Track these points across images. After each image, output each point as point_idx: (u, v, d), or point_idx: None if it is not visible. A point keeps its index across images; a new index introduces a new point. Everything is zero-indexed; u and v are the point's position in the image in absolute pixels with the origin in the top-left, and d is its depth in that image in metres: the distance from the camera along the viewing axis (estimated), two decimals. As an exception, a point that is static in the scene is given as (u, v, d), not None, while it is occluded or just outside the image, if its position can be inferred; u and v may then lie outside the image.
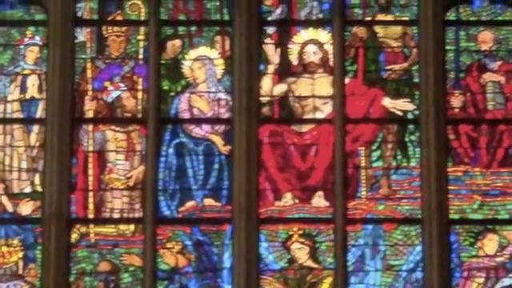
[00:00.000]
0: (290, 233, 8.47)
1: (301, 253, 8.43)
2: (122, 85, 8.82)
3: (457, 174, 8.56)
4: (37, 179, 8.56)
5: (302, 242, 8.46)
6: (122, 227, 8.53)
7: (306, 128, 8.76)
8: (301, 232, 8.47)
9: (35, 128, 8.66)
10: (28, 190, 8.55)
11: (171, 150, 8.67)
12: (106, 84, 8.81)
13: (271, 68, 8.80)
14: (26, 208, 8.50)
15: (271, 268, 8.41)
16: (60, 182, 8.43)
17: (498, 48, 8.83)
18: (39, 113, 8.68)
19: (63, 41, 8.70)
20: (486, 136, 8.62)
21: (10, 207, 8.50)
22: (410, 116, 8.75)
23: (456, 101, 8.72)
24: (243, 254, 8.23)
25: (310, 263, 8.44)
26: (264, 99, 8.71)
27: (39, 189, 8.52)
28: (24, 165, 8.59)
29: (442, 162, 8.49)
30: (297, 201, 8.57)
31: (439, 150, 8.50)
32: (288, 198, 8.59)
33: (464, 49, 8.87)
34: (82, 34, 8.87)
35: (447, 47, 8.83)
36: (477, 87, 8.76)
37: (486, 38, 8.87)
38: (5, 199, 8.51)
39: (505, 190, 8.52)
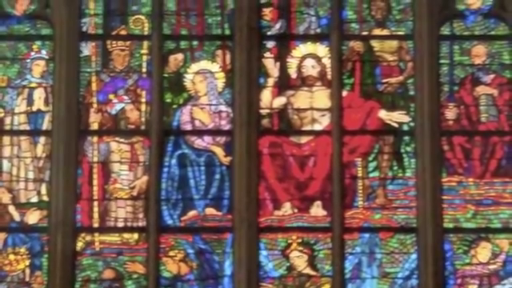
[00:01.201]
0: (289, 241, 8.63)
1: (299, 261, 8.59)
2: (125, 97, 9.01)
3: (451, 184, 8.72)
4: (43, 189, 8.74)
5: (300, 250, 8.63)
6: (126, 236, 8.68)
7: (304, 139, 8.92)
8: (299, 240, 8.64)
9: (42, 139, 8.83)
10: (35, 199, 8.73)
11: (174, 161, 8.83)
12: (111, 97, 9.00)
13: (271, 81, 8.97)
14: (33, 217, 8.67)
15: (271, 275, 8.56)
16: (66, 192, 8.60)
17: (491, 62, 9.00)
18: (45, 125, 8.85)
19: (69, 55, 8.88)
20: (479, 147, 8.79)
21: (17, 216, 8.67)
22: (405, 128, 8.89)
23: (450, 113, 8.90)
24: (243, 262, 8.38)
25: (308, 271, 8.60)
26: (264, 111, 8.87)
27: (46, 198, 8.69)
28: (31, 175, 8.77)
29: (436, 172, 8.65)
30: (296, 210, 8.73)
31: (434, 161, 8.66)
32: (287, 208, 8.76)
33: (458, 62, 9.03)
34: (87, 48, 9.06)
35: (441, 61, 8.98)
36: (470, 100, 8.94)
37: (480, 52, 9.04)
38: (12, 209, 8.67)
39: (497, 200, 8.68)
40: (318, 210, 8.78)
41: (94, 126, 8.91)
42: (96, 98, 8.96)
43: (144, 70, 9.06)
